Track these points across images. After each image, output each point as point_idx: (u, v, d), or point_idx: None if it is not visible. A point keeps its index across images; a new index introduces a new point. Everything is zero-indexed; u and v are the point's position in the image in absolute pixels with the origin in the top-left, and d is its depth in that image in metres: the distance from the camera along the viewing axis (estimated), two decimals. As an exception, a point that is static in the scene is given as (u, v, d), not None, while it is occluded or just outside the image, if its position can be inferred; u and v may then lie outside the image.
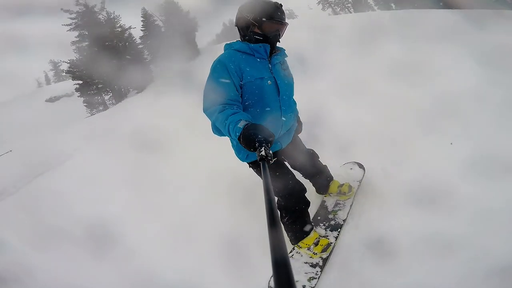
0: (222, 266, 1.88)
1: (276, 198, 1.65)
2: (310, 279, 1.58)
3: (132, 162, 2.98)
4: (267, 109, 1.46)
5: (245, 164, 1.70)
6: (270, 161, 1.00)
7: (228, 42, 1.54)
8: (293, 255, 1.74)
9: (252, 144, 1.07)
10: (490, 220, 1.66)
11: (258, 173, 1.63)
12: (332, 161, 2.45)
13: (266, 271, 1.72)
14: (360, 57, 3.24)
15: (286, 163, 1.75)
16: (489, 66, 2.65)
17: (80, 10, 11.94)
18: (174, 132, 3.32)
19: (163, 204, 2.53)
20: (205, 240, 2.11)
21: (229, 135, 1.23)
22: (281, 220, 1.69)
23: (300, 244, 1.73)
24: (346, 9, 21.97)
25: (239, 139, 1.14)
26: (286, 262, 0.45)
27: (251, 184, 2.32)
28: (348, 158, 2.39)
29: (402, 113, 2.61)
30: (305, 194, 1.75)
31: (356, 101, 2.91)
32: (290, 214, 1.70)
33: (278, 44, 1.54)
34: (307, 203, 1.75)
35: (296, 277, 1.59)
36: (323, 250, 1.69)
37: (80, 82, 10.72)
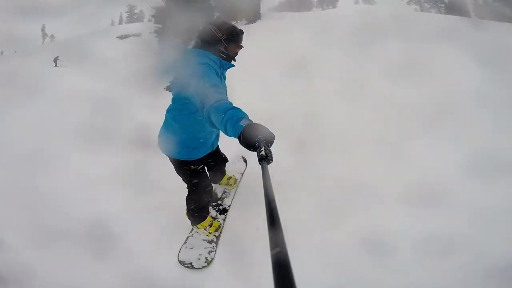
0: (222, 266, 1.88)
1: (188, 189, 2.01)
2: (209, 252, 2.02)
3: (131, 161, 2.98)
4: None
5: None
6: (270, 161, 1.00)
7: (196, 49, 1.65)
8: (193, 234, 2.17)
9: (252, 144, 1.07)
10: (490, 220, 1.67)
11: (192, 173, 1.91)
12: (331, 161, 2.45)
13: (266, 271, 1.72)
14: (360, 57, 3.24)
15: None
16: (489, 66, 2.65)
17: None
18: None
19: (162, 203, 2.53)
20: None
21: (225, 130, 1.20)
22: (187, 207, 2.08)
23: (198, 226, 2.13)
24: (438, 8, 18.51)
25: (239, 138, 1.13)
26: (286, 262, 0.45)
27: (250, 183, 2.32)
28: (348, 158, 2.39)
29: (402, 113, 2.61)
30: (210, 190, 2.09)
31: (356, 101, 2.91)
32: (196, 204, 2.04)
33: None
34: (211, 196, 2.13)
35: (198, 251, 2.01)
36: (216, 230, 2.17)
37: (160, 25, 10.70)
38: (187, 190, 2.02)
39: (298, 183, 2.29)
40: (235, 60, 1.74)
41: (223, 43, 1.63)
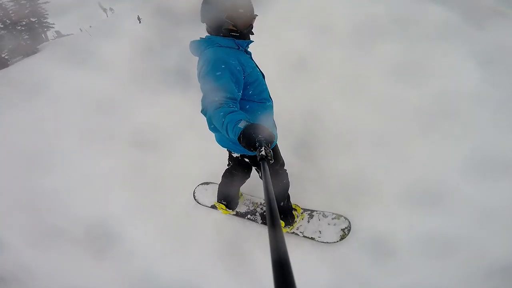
0: (222, 266, 1.88)
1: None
2: (342, 229, 1.93)
3: (131, 161, 2.98)
4: (264, 92, 1.56)
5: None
6: (270, 161, 1.00)
7: (203, 39, 1.48)
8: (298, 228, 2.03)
9: (253, 144, 1.06)
10: (490, 220, 1.67)
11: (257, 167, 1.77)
12: (332, 161, 2.45)
13: (266, 271, 1.72)
14: (359, 57, 3.24)
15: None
16: (489, 66, 2.65)
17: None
18: (174, 131, 3.32)
19: (163, 203, 2.53)
20: (205, 239, 2.11)
21: (226, 133, 1.21)
22: (284, 200, 1.91)
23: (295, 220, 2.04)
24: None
25: (238, 139, 1.13)
26: (286, 262, 0.45)
27: (251, 183, 2.32)
28: (348, 158, 2.39)
29: (402, 113, 2.61)
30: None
31: (356, 101, 2.90)
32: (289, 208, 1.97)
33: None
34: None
35: (332, 228, 1.94)
36: (303, 211, 2.12)
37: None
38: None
39: (298, 183, 2.29)
40: (252, 34, 1.51)
41: (228, 21, 1.40)
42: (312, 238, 1.96)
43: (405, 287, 1.52)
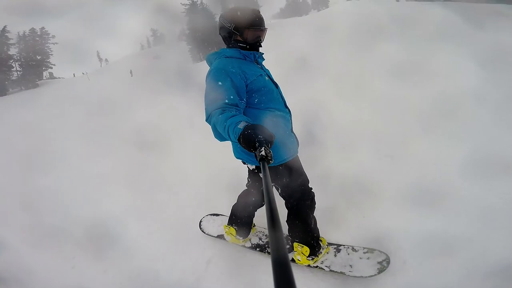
0: (222, 266, 1.88)
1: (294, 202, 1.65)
2: (380, 262, 1.61)
3: (132, 161, 2.98)
4: (274, 102, 1.52)
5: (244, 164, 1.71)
6: (270, 161, 1.00)
7: (214, 52, 1.57)
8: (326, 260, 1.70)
9: (252, 144, 1.06)
10: (490, 220, 1.67)
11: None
12: (332, 161, 2.45)
13: (266, 271, 1.72)
14: (360, 57, 3.24)
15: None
16: (489, 66, 2.65)
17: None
18: (174, 131, 3.33)
19: (163, 203, 2.53)
20: (205, 239, 2.11)
21: (229, 137, 1.23)
22: (306, 222, 1.65)
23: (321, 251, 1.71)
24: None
25: (238, 140, 1.13)
26: (286, 262, 0.45)
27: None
28: (348, 158, 2.39)
29: (402, 113, 2.61)
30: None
31: (356, 101, 2.91)
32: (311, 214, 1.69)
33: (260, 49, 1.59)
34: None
35: (369, 262, 1.61)
36: (328, 245, 1.79)
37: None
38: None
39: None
40: (261, 46, 1.55)
41: (235, 33, 1.47)
42: (341, 273, 1.61)
43: (405, 287, 1.52)
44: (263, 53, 1.60)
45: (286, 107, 1.62)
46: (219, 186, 2.54)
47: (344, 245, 1.79)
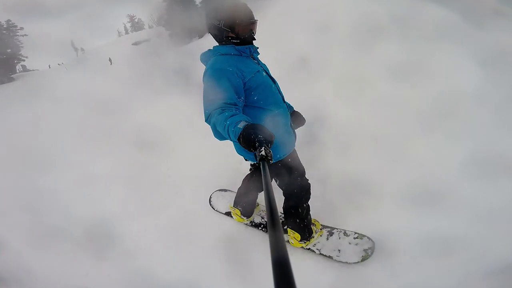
0: (222, 266, 1.88)
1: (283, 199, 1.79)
2: (365, 249, 1.74)
3: (131, 161, 2.98)
4: (272, 98, 1.52)
5: (245, 163, 1.71)
6: (270, 161, 1.00)
7: (208, 50, 1.54)
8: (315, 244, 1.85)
9: (252, 144, 1.06)
10: (490, 220, 1.67)
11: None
12: (332, 161, 2.45)
13: (266, 271, 1.71)
14: (360, 57, 3.24)
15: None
16: (489, 66, 2.65)
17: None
18: (174, 131, 3.33)
19: (162, 203, 2.53)
20: (205, 239, 2.11)
21: (229, 137, 1.22)
22: (298, 211, 1.77)
23: (313, 235, 1.87)
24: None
25: (238, 139, 1.13)
26: (286, 262, 0.45)
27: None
28: (348, 158, 2.39)
29: (402, 113, 2.61)
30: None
31: (356, 101, 2.90)
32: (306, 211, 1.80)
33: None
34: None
35: (353, 248, 1.75)
36: (322, 227, 1.95)
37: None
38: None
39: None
40: (254, 39, 1.51)
41: (226, 29, 1.43)
42: (329, 257, 1.79)
43: (405, 287, 1.52)
44: (258, 47, 1.58)
45: (284, 102, 1.64)
46: (219, 186, 2.54)
47: (337, 229, 1.93)
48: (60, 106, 4.18)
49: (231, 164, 2.64)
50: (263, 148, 1.02)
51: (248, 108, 1.47)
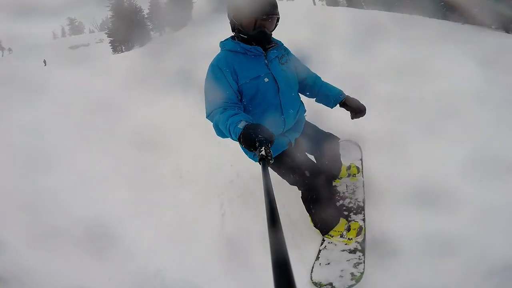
0: (222, 266, 1.88)
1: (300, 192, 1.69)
2: (355, 265, 1.56)
3: (131, 161, 2.98)
4: (266, 108, 1.44)
5: (245, 163, 1.71)
6: (270, 161, 1.00)
7: (223, 40, 1.48)
8: (326, 246, 1.71)
9: (253, 144, 1.06)
10: (490, 220, 1.66)
11: (276, 169, 1.62)
12: (332, 161, 2.45)
13: (266, 271, 1.71)
14: (360, 57, 3.24)
15: (299, 154, 1.62)
16: (489, 66, 2.65)
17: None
18: (174, 131, 3.33)
19: (162, 203, 2.53)
20: (205, 239, 2.11)
21: (230, 136, 1.24)
22: (308, 211, 1.69)
23: (331, 233, 1.70)
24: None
25: (239, 139, 1.14)
26: (286, 262, 0.45)
27: (251, 183, 2.32)
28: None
29: (402, 113, 2.61)
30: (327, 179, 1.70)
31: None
32: (317, 202, 1.62)
33: (276, 37, 1.51)
34: (331, 189, 1.76)
35: (339, 266, 1.58)
36: (358, 234, 1.69)
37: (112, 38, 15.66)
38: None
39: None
40: (267, 38, 1.37)
41: (236, 22, 1.34)
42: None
43: (405, 287, 1.52)
44: (279, 44, 1.46)
45: (283, 114, 1.47)
46: (219, 186, 2.54)
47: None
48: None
49: (231, 164, 2.64)
50: (263, 148, 1.02)
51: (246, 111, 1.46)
